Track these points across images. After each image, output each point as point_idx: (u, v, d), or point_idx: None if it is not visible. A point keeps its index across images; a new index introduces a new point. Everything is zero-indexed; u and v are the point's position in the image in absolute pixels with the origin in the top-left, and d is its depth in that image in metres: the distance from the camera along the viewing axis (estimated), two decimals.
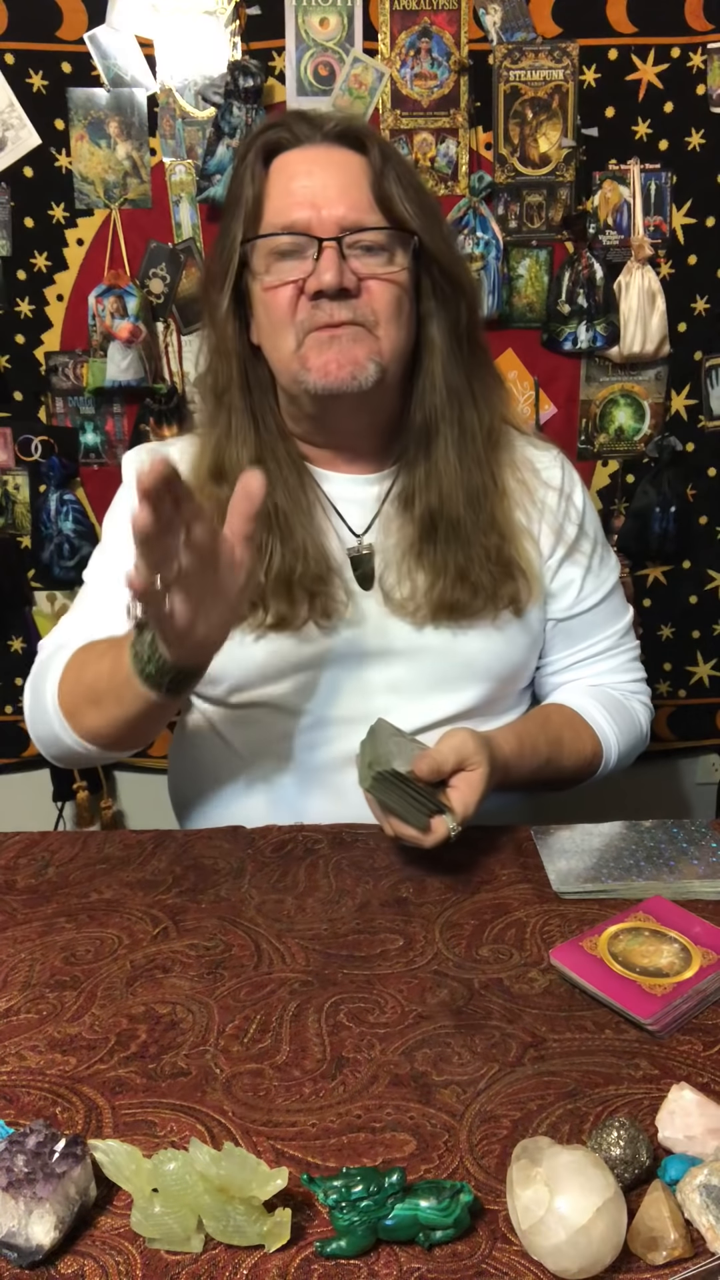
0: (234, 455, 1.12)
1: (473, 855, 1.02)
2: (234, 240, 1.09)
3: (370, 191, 1.05)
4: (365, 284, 1.06)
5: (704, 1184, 0.58)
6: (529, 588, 1.15)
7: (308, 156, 1.07)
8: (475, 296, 1.16)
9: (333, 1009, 0.78)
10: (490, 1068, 0.71)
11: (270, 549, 1.10)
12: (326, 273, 1.03)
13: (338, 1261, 0.57)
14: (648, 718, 1.28)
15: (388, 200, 1.05)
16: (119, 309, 1.82)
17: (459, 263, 1.14)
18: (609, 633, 1.25)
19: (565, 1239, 0.54)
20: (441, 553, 1.12)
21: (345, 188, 1.05)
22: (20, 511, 1.96)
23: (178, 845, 1.06)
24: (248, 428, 1.13)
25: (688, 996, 0.76)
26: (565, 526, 1.20)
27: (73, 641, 1.15)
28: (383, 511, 1.16)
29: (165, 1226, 0.57)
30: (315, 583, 1.10)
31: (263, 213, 1.07)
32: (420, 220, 1.07)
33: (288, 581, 1.10)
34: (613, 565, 1.27)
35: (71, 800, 2.09)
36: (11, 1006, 0.80)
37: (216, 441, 1.14)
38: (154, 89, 1.78)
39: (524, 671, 1.22)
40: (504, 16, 1.78)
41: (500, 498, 1.15)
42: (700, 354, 1.94)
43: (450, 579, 1.11)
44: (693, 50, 1.80)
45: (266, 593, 1.10)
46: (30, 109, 1.77)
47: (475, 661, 1.14)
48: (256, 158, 1.08)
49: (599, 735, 1.20)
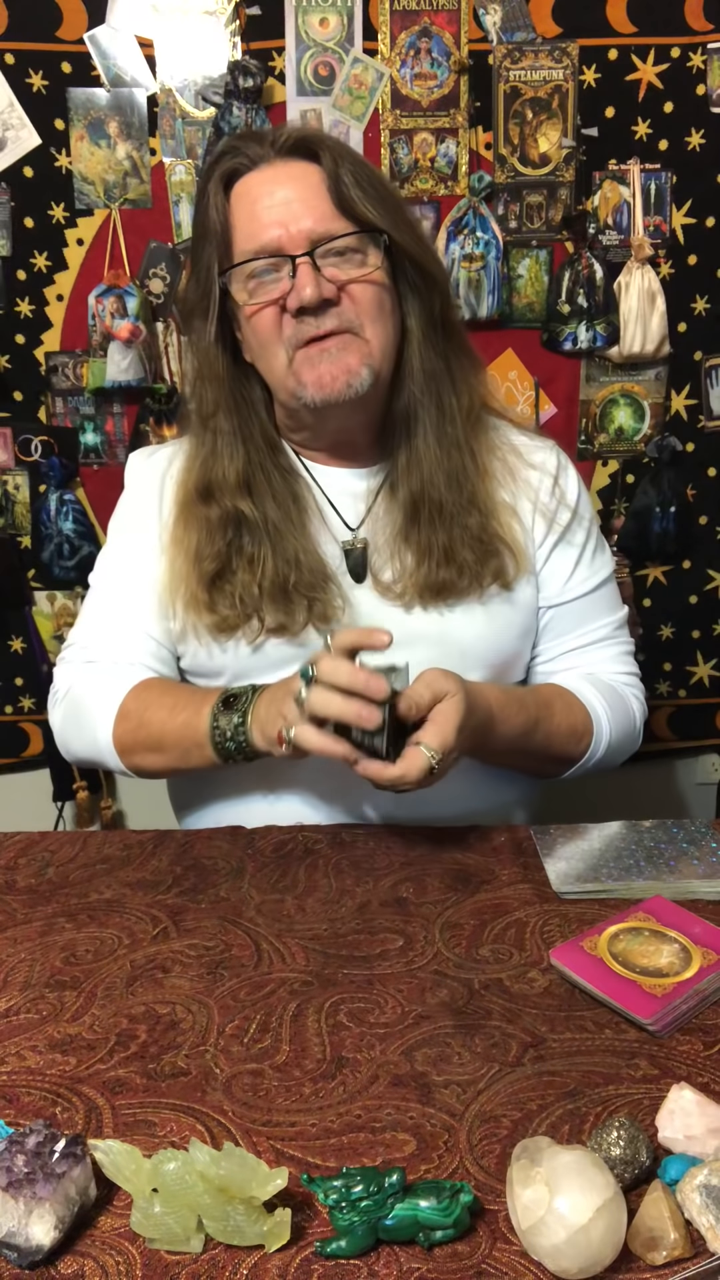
0: (220, 474, 1.14)
1: (473, 855, 1.02)
2: (209, 270, 1.11)
3: (331, 199, 1.07)
4: (345, 290, 1.08)
5: (704, 1184, 0.58)
6: (515, 561, 1.16)
7: (265, 177, 1.09)
8: (446, 282, 1.18)
9: (333, 1009, 0.78)
10: (490, 1068, 0.71)
11: (262, 560, 1.12)
12: (305, 289, 1.05)
13: (338, 1261, 0.57)
14: (641, 712, 1.27)
15: (349, 203, 1.07)
16: (119, 309, 1.82)
17: (427, 251, 1.15)
18: (603, 623, 1.25)
19: (565, 1239, 0.54)
20: (426, 535, 1.13)
21: (307, 200, 1.07)
22: (20, 511, 1.96)
23: (178, 845, 1.06)
24: (235, 446, 1.15)
25: (688, 996, 0.76)
26: (558, 512, 1.21)
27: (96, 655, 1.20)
28: (375, 504, 1.17)
29: (165, 1226, 0.57)
30: (311, 589, 1.12)
31: (233, 240, 1.10)
32: (384, 216, 1.08)
33: (284, 589, 1.12)
34: (607, 558, 1.27)
35: (71, 800, 2.09)
36: (11, 1006, 0.80)
37: (203, 461, 1.16)
38: (154, 89, 1.78)
39: (518, 660, 1.22)
40: (504, 16, 1.78)
41: (482, 477, 1.17)
42: (700, 354, 1.94)
43: (436, 560, 1.13)
44: (693, 50, 1.80)
45: (263, 603, 1.12)
46: (30, 109, 1.77)
47: (470, 650, 1.15)
48: (217, 187, 1.10)
49: (590, 712, 1.19)
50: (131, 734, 1.13)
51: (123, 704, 1.14)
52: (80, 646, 1.23)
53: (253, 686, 1.06)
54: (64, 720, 1.22)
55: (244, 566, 1.13)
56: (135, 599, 1.19)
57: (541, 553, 1.20)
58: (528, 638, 1.22)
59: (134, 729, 1.13)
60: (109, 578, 1.23)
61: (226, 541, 1.13)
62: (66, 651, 1.25)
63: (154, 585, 1.17)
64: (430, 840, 1.04)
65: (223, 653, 1.15)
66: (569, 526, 1.21)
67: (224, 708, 1.05)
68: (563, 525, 1.21)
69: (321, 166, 1.08)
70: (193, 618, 1.14)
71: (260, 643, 1.13)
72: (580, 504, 1.23)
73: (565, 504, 1.21)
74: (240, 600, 1.12)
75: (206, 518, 1.14)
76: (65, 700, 1.22)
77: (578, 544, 1.22)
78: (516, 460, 1.21)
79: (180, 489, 1.18)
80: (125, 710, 1.14)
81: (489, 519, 1.15)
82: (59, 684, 1.24)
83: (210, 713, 1.06)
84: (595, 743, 1.19)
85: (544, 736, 1.15)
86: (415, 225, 1.15)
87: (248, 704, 1.04)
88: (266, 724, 1.01)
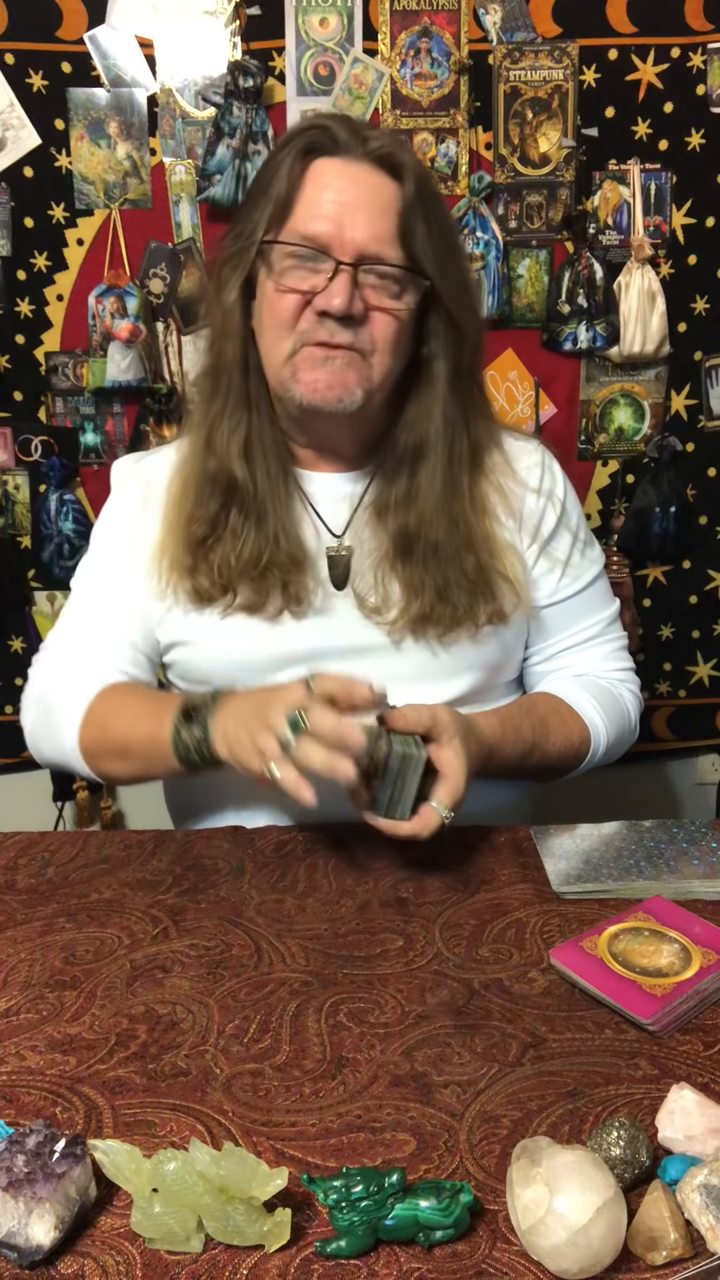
0: (224, 434, 1.14)
1: (473, 855, 1.02)
2: (255, 229, 1.09)
3: (396, 224, 1.05)
4: (370, 313, 1.07)
5: (704, 1184, 0.58)
6: (515, 598, 1.16)
7: (344, 171, 1.06)
8: (481, 338, 1.17)
9: (333, 1009, 0.78)
10: (490, 1068, 0.71)
11: (245, 534, 1.12)
12: (337, 297, 1.04)
13: (338, 1261, 0.57)
14: (636, 707, 1.28)
15: (410, 237, 1.06)
16: (119, 309, 1.82)
17: (469, 306, 1.14)
18: (593, 620, 1.25)
19: (565, 1239, 0.54)
20: (419, 573, 1.13)
21: (372, 215, 1.05)
22: (20, 511, 1.96)
23: (178, 845, 1.06)
24: (242, 409, 1.14)
25: (688, 996, 0.76)
26: (544, 518, 1.20)
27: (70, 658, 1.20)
28: (358, 515, 1.17)
29: (165, 1226, 0.57)
30: (286, 570, 1.12)
31: (289, 212, 1.07)
32: (439, 264, 1.07)
33: (259, 564, 1.11)
34: (596, 554, 1.27)
35: (71, 800, 2.09)
36: (11, 1006, 0.80)
37: (212, 419, 1.15)
38: (154, 89, 1.78)
39: (510, 661, 1.22)
40: (504, 16, 1.78)
41: (480, 516, 1.16)
42: (700, 354, 1.94)
43: (428, 599, 1.12)
44: (693, 50, 1.80)
45: (235, 576, 1.12)
46: (30, 109, 1.77)
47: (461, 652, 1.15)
48: (296, 155, 1.07)
49: (586, 722, 1.19)
50: (97, 739, 1.13)
51: (89, 708, 1.14)
52: (52, 650, 1.23)
53: (212, 694, 1.05)
54: (34, 723, 1.22)
55: (229, 536, 1.13)
56: (112, 604, 1.19)
57: (531, 554, 1.20)
58: (519, 639, 1.22)
59: (98, 734, 1.13)
60: (88, 582, 1.23)
61: (220, 505, 1.13)
62: (41, 654, 1.25)
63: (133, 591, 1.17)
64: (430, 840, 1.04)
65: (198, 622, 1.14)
66: (556, 527, 1.21)
67: (185, 720, 1.03)
68: (550, 526, 1.21)
69: (401, 189, 1.06)
70: (174, 579, 1.14)
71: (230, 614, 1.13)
72: (567, 503, 1.23)
73: (552, 504, 1.21)
74: (218, 570, 1.12)
75: (203, 473, 1.13)
76: (36, 702, 1.21)
77: (565, 544, 1.22)
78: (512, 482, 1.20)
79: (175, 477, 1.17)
80: (91, 715, 1.14)
81: (489, 559, 1.14)
82: (31, 687, 1.24)
83: (172, 725, 1.04)
84: (593, 751, 1.21)
85: (541, 756, 1.16)
86: (465, 276, 1.14)
87: (208, 714, 1.02)
88: (236, 746, 0.98)
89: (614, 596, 1.30)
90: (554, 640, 1.24)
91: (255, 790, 1.16)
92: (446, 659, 1.14)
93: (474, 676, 1.16)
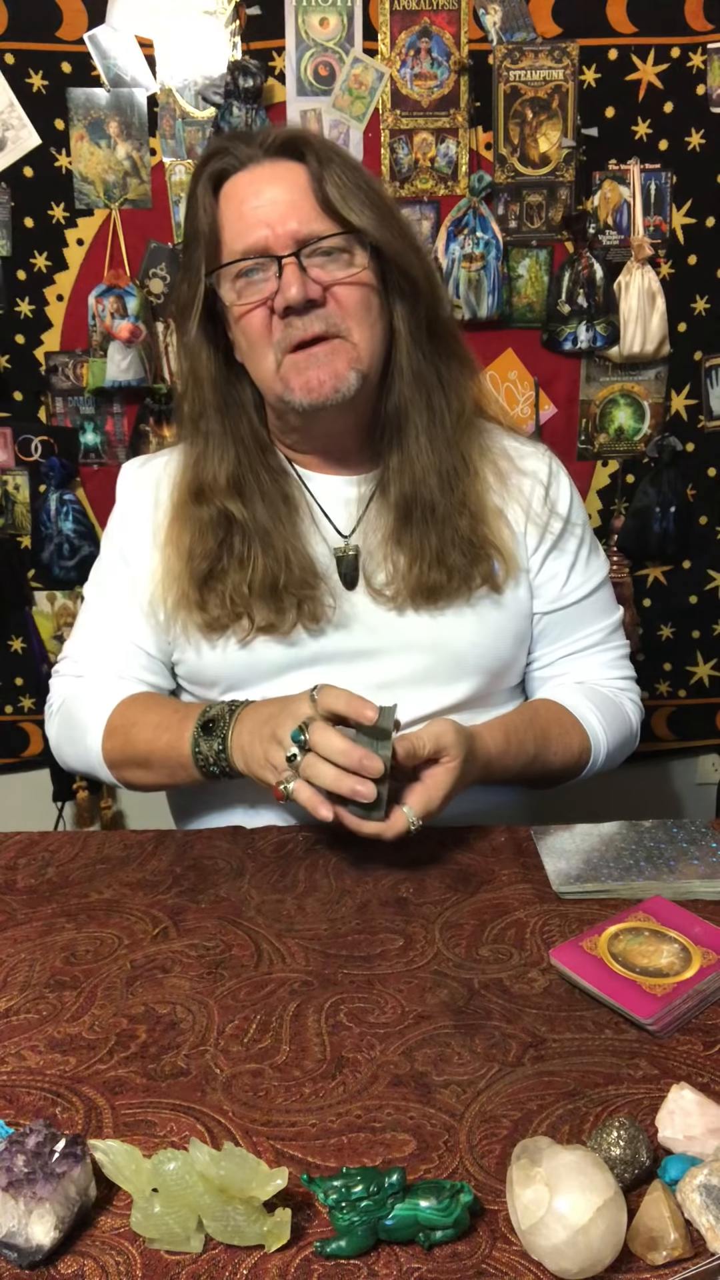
0: (210, 475, 1.15)
1: (473, 855, 1.02)
2: (198, 271, 1.11)
3: (315, 199, 1.07)
4: (331, 291, 1.08)
5: (704, 1184, 0.58)
6: (504, 565, 1.16)
7: (253, 177, 1.09)
8: (434, 285, 1.17)
9: (333, 1009, 0.78)
10: (490, 1068, 0.71)
11: (253, 560, 1.13)
12: (290, 288, 1.05)
13: (338, 1261, 0.57)
14: (638, 716, 1.28)
15: (333, 204, 1.07)
16: (119, 309, 1.82)
17: (414, 251, 1.14)
18: (597, 628, 1.26)
19: (565, 1239, 0.54)
20: (419, 536, 1.14)
21: (293, 201, 1.07)
22: (20, 511, 1.96)
23: (178, 845, 1.06)
24: (225, 448, 1.15)
25: (688, 996, 0.76)
26: (550, 520, 1.21)
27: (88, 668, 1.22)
28: (368, 511, 1.17)
29: (165, 1226, 0.57)
30: (301, 588, 1.13)
31: (221, 241, 1.10)
32: (370, 218, 1.08)
33: (274, 589, 1.12)
34: (601, 562, 1.27)
35: (71, 800, 2.09)
36: (11, 1006, 0.80)
37: (195, 462, 1.17)
38: (154, 89, 1.78)
39: (513, 666, 1.22)
40: (504, 16, 1.78)
41: (472, 479, 1.17)
42: (700, 354, 1.94)
43: (427, 561, 1.13)
44: (693, 50, 1.80)
45: (252, 602, 1.13)
46: (30, 109, 1.77)
47: (464, 657, 1.15)
48: (205, 188, 1.10)
49: (588, 732, 1.20)
50: (120, 750, 1.16)
51: (110, 719, 1.16)
52: (72, 660, 1.25)
53: (229, 707, 1.07)
54: (59, 732, 1.24)
55: (235, 566, 1.14)
56: (126, 612, 1.20)
57: (535, 560, 1.20)
58: (522, 644, 1.22)
59: (121, 746, 1.15)
60: (101, 590, 1.25)
61: (218, 541, 1.14)
62: (60, 664, 1.27)
63: (146, 596, 1.18)
64: (430, 840, 1.04)
65: (212, 650, 1.15)
66: (562, 533, 1.22)
67: (204, 733, 1.06)
68: (556, 532, 1.21)
69: (306, 166, 1.08)
70: (183, 615, 1.15)
71: (249, 640, 1.13)
72: (573, 510, 1.24)
73: (557, 511, 1.22)
74: (230, 600, 1.13)
75: (198, 517, 1.15)
76: (60, 712, 1.24)
77: (570, 550, 1.22)
78: (509, 466, 1.21)
79: (176, 490, 1.18)
80: (112, 726, 1.16)
81: (479, 522, 1.16)
82: (53, 696, 1.27)
83: (191, 738, 1.07)
84: (593, 761, 1.22)
85: (541, 767, 1.17)
86: (405, 228, 1.14)
87: (226, 728, 1.05)
88: (252, 760, 1.01)
89: (618, 605, 1.30)
90: (556, 646, 1.25)
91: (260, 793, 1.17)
92: (451, 663, 1.15)
93: (477, 681, 1.17)
